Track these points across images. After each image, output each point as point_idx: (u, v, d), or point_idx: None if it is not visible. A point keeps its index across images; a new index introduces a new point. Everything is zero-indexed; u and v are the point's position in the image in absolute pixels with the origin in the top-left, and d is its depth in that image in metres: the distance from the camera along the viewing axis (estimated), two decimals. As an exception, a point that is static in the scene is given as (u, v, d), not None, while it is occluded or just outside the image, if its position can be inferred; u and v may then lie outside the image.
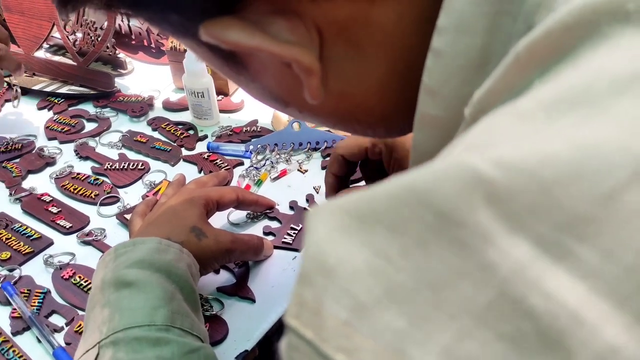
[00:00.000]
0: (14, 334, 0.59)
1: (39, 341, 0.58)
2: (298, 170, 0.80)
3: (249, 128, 0.88)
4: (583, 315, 0.17)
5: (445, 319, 0.18)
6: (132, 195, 0.77)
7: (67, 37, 0.98)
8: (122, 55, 1.06)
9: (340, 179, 0.67)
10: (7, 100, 0.98)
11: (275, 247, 0.67)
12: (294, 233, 0.69)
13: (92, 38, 0.98)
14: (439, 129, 0.30)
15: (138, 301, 0.49)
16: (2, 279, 0.64)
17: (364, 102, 0.34)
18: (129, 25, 1.10)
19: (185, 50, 0.93)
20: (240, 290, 0.62)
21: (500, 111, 0.22)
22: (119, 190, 0.78)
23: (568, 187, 0.18)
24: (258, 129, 0.87)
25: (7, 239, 0.69)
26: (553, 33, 0.22)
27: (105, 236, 0.70)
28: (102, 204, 0.75)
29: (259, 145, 0.83)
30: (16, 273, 0.65)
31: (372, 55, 0.31)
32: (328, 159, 0.80)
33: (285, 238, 0.68)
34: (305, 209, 0.72)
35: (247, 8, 0.28)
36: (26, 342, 0.58)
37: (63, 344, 0.57)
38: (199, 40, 0.30)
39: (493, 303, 0.18)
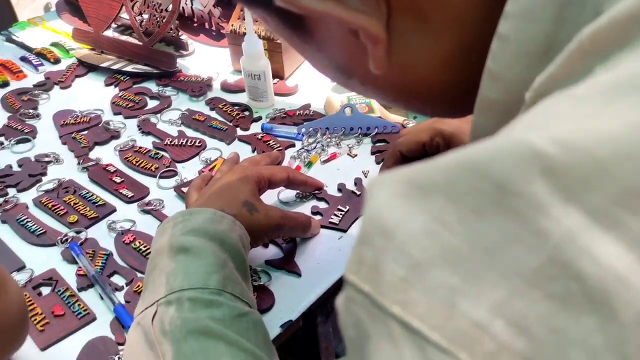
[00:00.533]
0: (79, 289, 0.64)
1: (102, 298, 0.62)
2: (348, 154, 0.82)
3: (301, 111, 0.91)
4: (630, 279, 0.18)
5: (497, 279, 0.20)
6: (189, 170, 0.81)
7: (135, 17, 1.03)
8: (184, 36, 1.10)
9: None
10: (77, 76, 1.04)
11: (322, 227, 0.70)
12: (340, 214, 0.71)
13: (158, 19, 1.03)
14: (499, 113, 0.31)
15: (193, 266, 0.53)
16: (69, 240, 0.69)
17: (425, 77, 0.35)
18: (191, 7, 1.15)
19: (244, 34, 0.96)
20: (287, 264, 0.66)
21: (559, 94, 0.23)
22: (177, 164, 0.82)
23: (622, 163, 0.19)
24: (311, 113, 0.90)
25: (75, 203, 0.75)
26: (618, 22, 0.23)
27: (163, 207, 0.75)
28: (161, 177, 0.80)
29: (310, 129, 0.86)
30: (82, 235, 0.70)
31: (438, 31, 0.32)
32: (378, 144, 0.83)
33: (332, 218, 0.71)
34: (353, 192, 0.75)
35: None
36: (90, 297, 0.63)
37: (123, 302, 0.62)
38: (270, 8, 0.32)
39: (543, 266, 0.19)
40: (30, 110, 0.94)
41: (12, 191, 0.78)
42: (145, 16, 1.06)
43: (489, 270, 0.20)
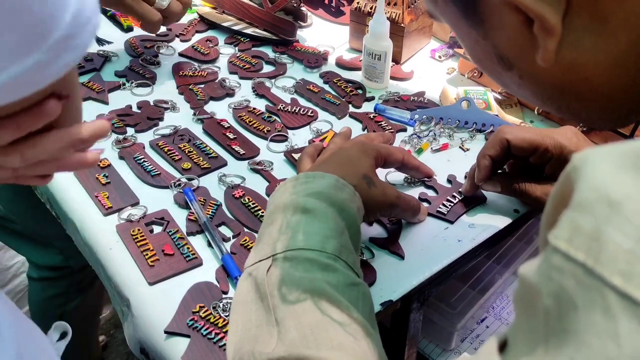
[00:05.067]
0: (189, 234, 0.65)
1: (209, 245, 0.64)
2: (460, 147, 0.80)
3: (416, 98, 0.89)
4: None
5: None
6: (299, 138, 0.82)
7: (261, -18, 1.05)
8: (304, 8, 1.11)
9: (496, 164, 0.67)
10: (197, 31, 1.07)
11: (429, 214, 0.69)
12: (449, 204, 0.70)
13: (284, -13, 1.03)
14: None
15: (313, 228, 0.53)
16: (183, 185, 0.71)
17: (591, 76, 0.35)
18: (314, -19, 1.15)
19: (369, 13, 0.96)
20: (391, 245, 0.65)
21: None
22: (288, 130, 0.83)
23: None
24: (425, 101, 0.89)
25: (189, 151, 0.77)
26: None
27: (272, 169, 0.75)
28: (272, 140, 0.81)
29: (424, 116, 0.84)
30: (194, 183, 0.72)
31: (614, 31, 0.31)
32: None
33: (440, 208, 0.70)
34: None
35: None
36: (198, 243, 0.64)
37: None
38: None
39: None
40: (152, 57, 0.97)
41: (130, 130, 0.81)
42: (271, -18, 1.06)
43: None
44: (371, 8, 0.96)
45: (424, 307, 0.68)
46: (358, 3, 0.98)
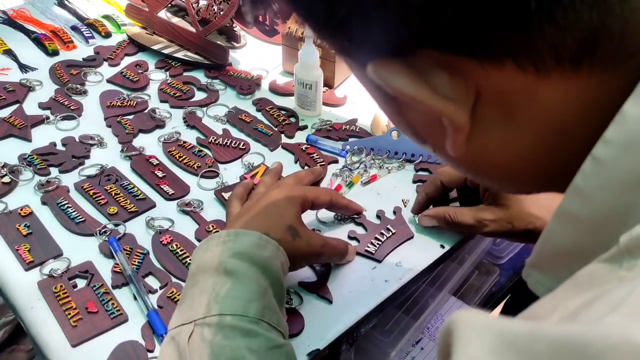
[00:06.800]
0: (114, 287, 0.64)
1: (135, 298, 0.63)
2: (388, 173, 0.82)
3: (348, 126, 0.90)
4: None
5: None
6: (230, 173, 0.81)
7: (192, 4, 1.02)
8: (237, 28, 1.09)
9: (431, 200, 0.73)
10: (127, 54, 1.04)
11: (358, 254, 0.70)
12: (377, 243, 0.71)
13: (215, 10, 1.02)
14: (579, 227, 0.30)
15: (236, 291, 0.53)
16: (108, 233, 0.70)
17: (501, 163, 0.35)
18: (248, -2, 1.13)
19: (300, 38, 0.95)
20: (319, 289, 0.66)
21: None
22: (219, 165, 0.82)
23: None
24: (357, 129, 0.90)
25: (115, 194, 0.75)
26: None
27: (202, 209, 0.75)
28: (202, 177, 0.80)
29: (355, 147, 0.85)
30: (121, 229, 0.71)
31: (523, 126, 0.32)
32: (420, 173, 0.82)
33: (368, 247, 0.71)
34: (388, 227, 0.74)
35: (416, 55, 0.30)
36: (123, 296, 0.63)
37: (156, 306, 0.62)
38: (360, 63, 0.32)
39: None
40: (78, 86, 0.94)
41: (54, 171, 0.79)
42: (203, 2, 1.05)
43: None
44: (302, 33, 0.95)
45: (356, 345, 0.69)
46: (289, 28, 0.97)
